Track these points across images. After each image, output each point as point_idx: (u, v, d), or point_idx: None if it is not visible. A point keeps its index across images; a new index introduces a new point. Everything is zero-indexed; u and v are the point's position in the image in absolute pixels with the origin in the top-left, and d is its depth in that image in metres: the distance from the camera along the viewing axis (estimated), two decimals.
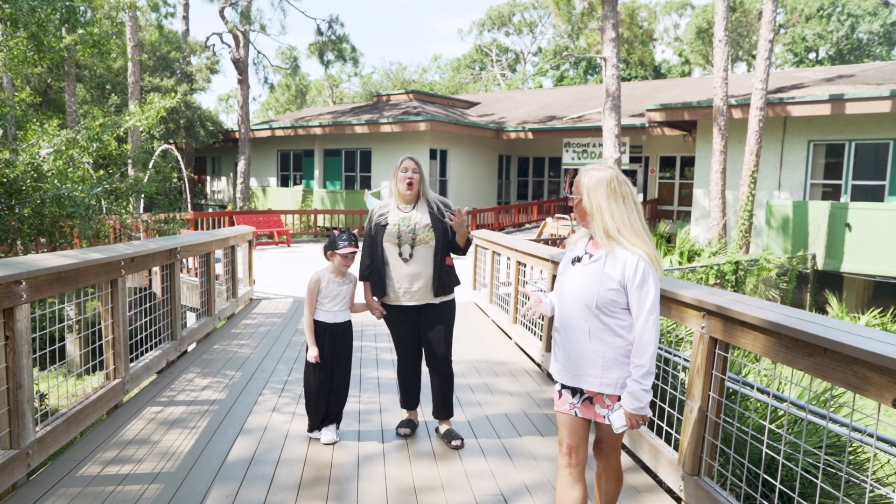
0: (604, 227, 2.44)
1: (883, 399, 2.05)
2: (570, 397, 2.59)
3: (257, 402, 4.66)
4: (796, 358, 2.45)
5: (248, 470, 3.51)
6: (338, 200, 22.93)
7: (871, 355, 2.05)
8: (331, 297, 3.85)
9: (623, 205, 2.45)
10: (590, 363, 2.48)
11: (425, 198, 3.84)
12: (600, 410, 2.53)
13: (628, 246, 2.40)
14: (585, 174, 2.54)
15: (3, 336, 3.03)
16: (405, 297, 3.80)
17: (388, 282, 3.81)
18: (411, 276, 3.76)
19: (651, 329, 2.38)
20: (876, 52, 35.40)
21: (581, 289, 2.48)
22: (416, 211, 3.80)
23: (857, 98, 12.97)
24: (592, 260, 2.50)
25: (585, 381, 2.51)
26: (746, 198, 13.53)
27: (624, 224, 2.42)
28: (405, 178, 3.76)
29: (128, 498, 3.12)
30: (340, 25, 26.64)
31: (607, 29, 13.94)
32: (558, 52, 46.59)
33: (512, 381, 5.38)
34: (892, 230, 12.68)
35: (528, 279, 6.94)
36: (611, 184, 2.46)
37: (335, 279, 3.86)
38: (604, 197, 2.45)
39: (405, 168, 3.78)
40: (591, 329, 2.46)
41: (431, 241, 3.75)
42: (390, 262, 3.78)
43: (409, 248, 3.74)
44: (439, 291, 3.81)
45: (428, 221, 3.77)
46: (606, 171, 2.51)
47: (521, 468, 3.64)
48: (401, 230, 3.74)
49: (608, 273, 2.42)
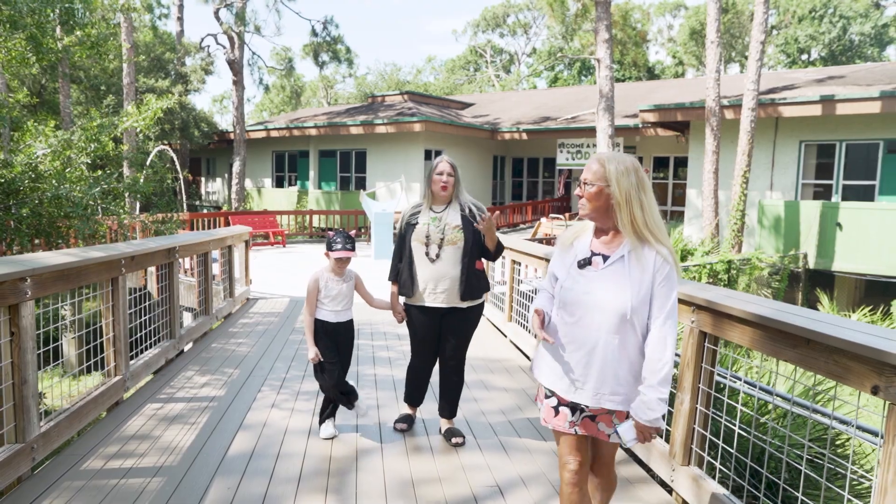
0: (632, 221, 2.20)
1: (863, 387, 2.14)
2: (570, 415, 2.38)
3: (256, 399, 4.72)
4: (782, 349, 2.53)
5: (248, 464, 3.58)
6: (333, 201, 22.98)
7: (851, 345, 2.14)
8: (332, 297, 3.85)
9: (650, 198, 2.24)
10: (617, 381, 2.25)
11: (458, 200, 3.82)
12: (604, 429, 2.36)
13: (654, 243, 2.20)
14: (608, 161, 2.26)
15: (9, 332, 3.09)
16: (430, 297, 3.77)
17: (415, 282, 3.78)
18: (437, 277, 3.73)
19: (671, 332, 2.19)
20: (867, 54, 35.69)
21: (607, 297, 2.21)
22: (448, 212, 3.78)
23: (847, 99, 13.12)
24: (610, 262, 2.25)
25: (611, 400, 2.28)
26: (738, 197, 13.67)
27: (651, 218, 2.21)
28: (440, 181, 3.74)
29: (131, 491, 3.19)
30: (335, 27, 26.71)
31: (601, 30, 14.06)
32: (553, 52, 46.77)
33: (507, 378, 5.46)
34: (881, 229, 12.82)
35: (522, 278, 7.02)
36: (639, 172, 2.23)
37: (334, 278, 3.86)
38: (634, 186, 2.20)
39: (441, 171, 3.76)
40: (621, 343, 2.22)
41: (460, 241, 3.71)
42: (417, 262, 3.77)
43: (437, 249, 3.72)
44: (466, 295, 3.75)
45: (458, 223, 3.74)
46: (630, 157, 2.28)
47: (517, 461, 3.72)
48: (430, 230, 3.73)
49: (637, 276, 2.20)
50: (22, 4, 5.24)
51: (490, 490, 3.34)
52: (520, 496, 3.28)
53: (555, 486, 3.41)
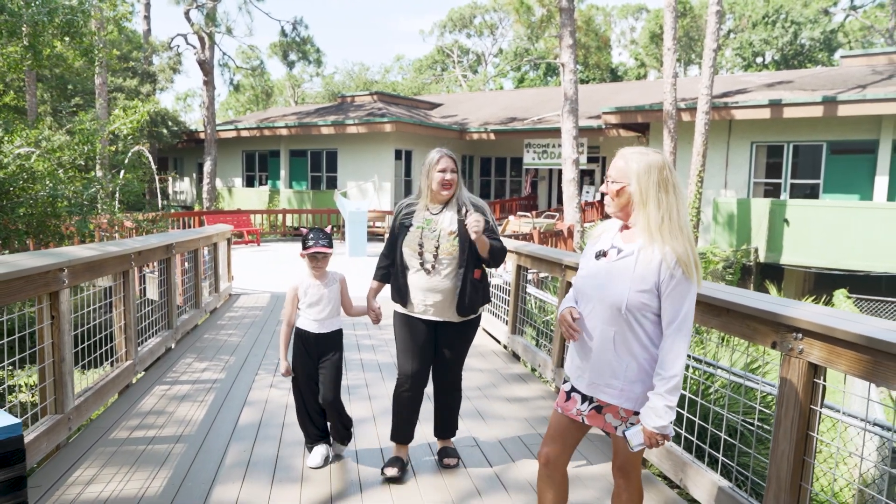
0: (647, 219, 2.19)
1: (766, 343, 2.74)
2: (579, 402, 2.40)
3: (255, 381, 5.18)
4: (709, 318, 3.13)
5: (258, 431, 4.06)
6: (305, 200, 23.29)
7: (757, 311, 2.74)
8: (313, 303, 3.44)
9: (673, 196, 2.21)
10: (611, 373, 2.27)
11: (456, 199, 3.33)
12: (612, 420, 2.34)
13: (668, 242, 2.16)
14: (633, 158, 2.26)
15: (50, 316, 3.52)
16: (422, 309, 3.33)
17: (409, 291, 3.33)
18: (430, 290, 3.28)
19: (683, 339, 2.16)
20: (817, 58, 37.36)
21: (608, 289, 2.24)
22: (445, 214, 3.31)
23: (793, 103, 14.04)
24: (622, 255, 2.26)
25: (604, 391, 2.30)
26: (694, 195, 14.50)
27: (668, 218, 2.18)
28: (441, 179, 3.26)
29: (159, 454, 3.65)
30: (305, 27, 26.99)
31: (565, 36, 14.73)
32: (519, 53, 47.63)
33: (481, 360, 6.02)
34: (824, 225, 13.78)
35: (493, 271, 7.58)
36: (663, 171, 2.21)
37: (315, 283, 3.46)
38: (654, 184, 2.20)
39: (443, 168, 3.27)
40: (616, 336, 2.23)
41: (456, 252, 3.25)
42: (410, 271, 3.33)
43: (432, 259, 3.25)
44: (463, 309, 3.30)
45: (454, 229, 3.25)
46: (656, 155, 2.26)
47: (493, 426, 4.27)
48: (423, 236, 3.27)
49: (640, 272, 2.19)
50: (28, 18, 5.57)
51: (471, 448, 3.88)
52: (495, 451, 3.83)
53: (527, 445, 3.97)
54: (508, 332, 6.38)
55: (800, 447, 2.54)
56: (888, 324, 2.41)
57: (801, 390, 2.53)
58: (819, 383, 2.52)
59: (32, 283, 3.29)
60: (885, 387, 2.23)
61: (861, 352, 2.28)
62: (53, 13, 5.83)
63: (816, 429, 2.53)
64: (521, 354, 6.00)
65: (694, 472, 3.23)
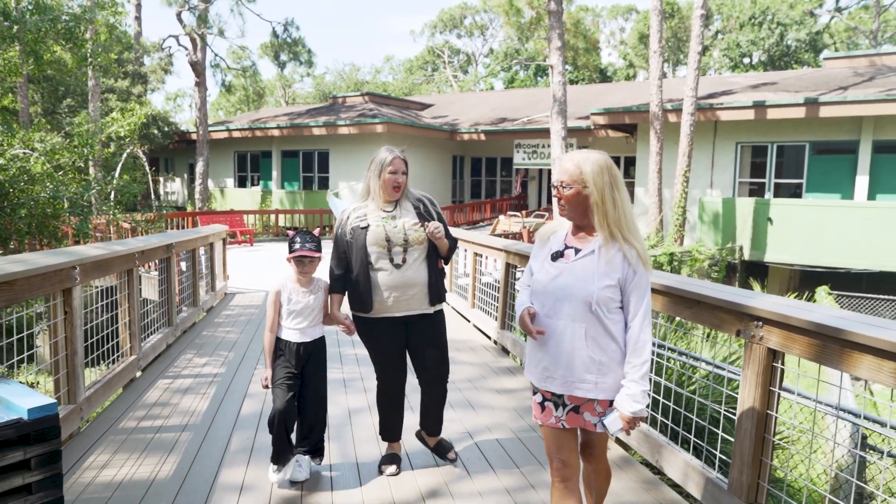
0: (605, 219, 2.29)
1: (731, 332, 2.99)
2: (553, 410, 2.44)
3: (254, 375, 5.38)
4: (681, 309, 3.38)
5: (259, 421, 4.27)
6: (297, 201, 23.46)
7: (723, 302, 2.98)
8: (296, 312, 3.30)
9: (621, 192, 2.31)
10: (584, 368, 2.32)
11: (407, 197, 3.42)
12: (590, 418, 2.40)
13: (623, 242, 2.29)
14: (583, 161, 2.32)
15: (63, 311, 3.72)
16: (395, 306, 3.30)
17: (375, 292, 3.28)
18: (404, 284, 3.28)
19: (648, 327, 2.31)
20: (803, 59, 37.87)
21: (574, 287, 2.31)
22: (400, 209, 3.35)
23: (776, 104, 14.37)
24: (582, 255, 2.34)
25: (579, 387, 2.35)
26: (680, 195, 14.81)
27: (623, 216, 2.30)
28: (393, 181, 3.30)
29: (168, 441, 3.86)
30: (296, 28, 27.14)
31: (554, 38, 15.00)
32: (509, 54, 47.94)
33: (472, 355, 6.25)
34: (806, 224, 14.12)
35: (483, 269, 7.82)
36: (611, 170, 2.31)
37: (299, 289, 3.32)
38: (608, 185, 2.29)
39: (394, 170, 3.30)
40: (587, 331, 2.31)
41: (424, 239, 3.32)
42: (379, 270, 3.27)
43: (402, 252, 3.27)
44: (435, 299, 3.38)
45: (416, 220, 3.34)
46: (600, 155, 2.34)
47: (482, 415, 4.51)
48: (388, 231, 3.26)
49: (604, 269, 2.29)
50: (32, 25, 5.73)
51: (461, 435, 4.11)
52: (485, 438, 4.07)
53: (515, 433, 4.20)
54: (498, 328, 6.62)
55: (760, 425, 2.79)
56: (838, 312, 2.67)
57: (761, 373, 2.78)
58: (777, 367, 2.77)
59: (48, 280, 3.49)
60: (833, 368, 2.48)
61: (812, 337, 2.53)
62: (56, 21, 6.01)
63: (776, 408, 2.78)
64: (510, 348, 6.24)
65: (668, 453, 3.48)
